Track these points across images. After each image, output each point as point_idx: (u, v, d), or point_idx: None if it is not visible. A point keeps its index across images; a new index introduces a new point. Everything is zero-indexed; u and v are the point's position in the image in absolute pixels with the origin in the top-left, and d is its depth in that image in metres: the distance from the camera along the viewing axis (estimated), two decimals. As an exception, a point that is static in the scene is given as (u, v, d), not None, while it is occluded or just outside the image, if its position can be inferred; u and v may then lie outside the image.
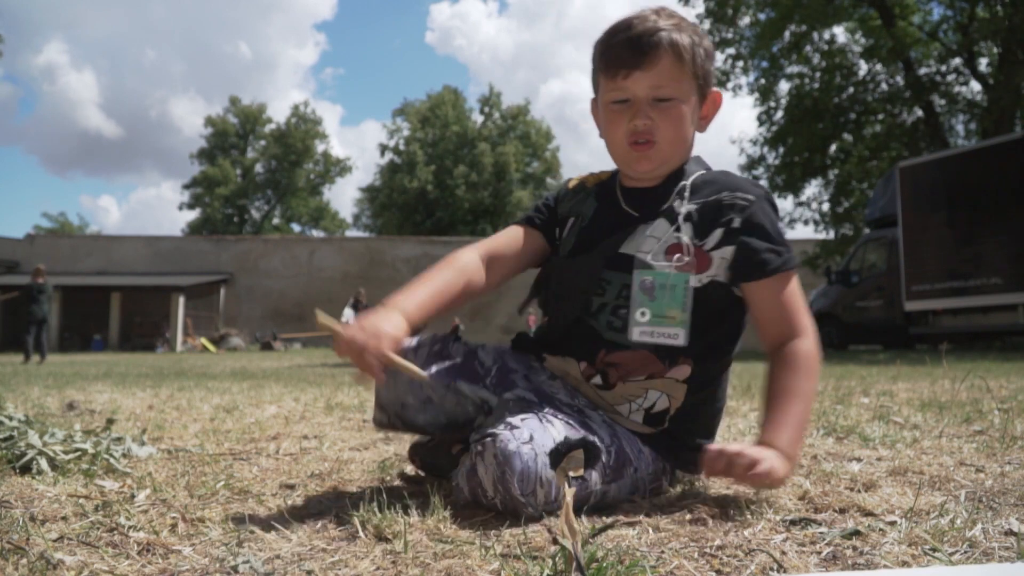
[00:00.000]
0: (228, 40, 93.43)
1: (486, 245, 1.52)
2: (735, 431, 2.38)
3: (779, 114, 20.40)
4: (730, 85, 20.68)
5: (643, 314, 1.38)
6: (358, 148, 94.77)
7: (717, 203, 1.40)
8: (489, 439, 1.21)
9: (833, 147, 20.58)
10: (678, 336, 1.37)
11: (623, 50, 1.37)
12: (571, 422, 1.28)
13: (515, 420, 1.23)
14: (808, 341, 1.38)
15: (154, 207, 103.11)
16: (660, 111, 1.38)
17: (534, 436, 1.20)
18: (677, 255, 1.38)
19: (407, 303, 1.34)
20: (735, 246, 1.38)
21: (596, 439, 1.28)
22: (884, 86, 19.74)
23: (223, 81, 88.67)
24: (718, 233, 1.38)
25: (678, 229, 1.40)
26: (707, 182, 1.44)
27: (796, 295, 1.40)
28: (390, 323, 1.26)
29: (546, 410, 1.29)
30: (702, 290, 1.39)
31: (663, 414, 1.42)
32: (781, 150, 20.17)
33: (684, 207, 1.41)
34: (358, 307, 23.04)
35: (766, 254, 1.37)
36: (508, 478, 1.17)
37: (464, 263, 1.47)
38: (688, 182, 1.44)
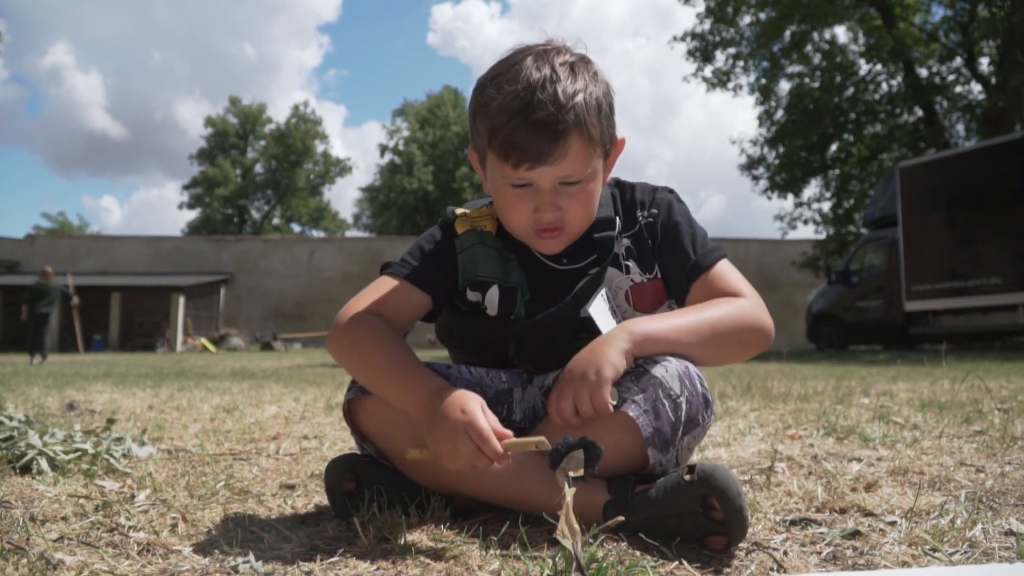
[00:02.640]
0: (233, 42, 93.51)
1: (378, 311, 1.28)
2: (735, 431, 2.38)
3: (779, 114, 20.41)
4: (730, 85, 20.70)
5: None
6: (361, 149, 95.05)
7: (640, 229, 1.36)
8: (647, 359, 1.18)
9: (833, 147, 20.58)
10: None
11: (524, 140, 1.15)
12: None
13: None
14: (744, 299, 1.29)
15: (155, 207, 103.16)
16: (568, 195, 1.22)
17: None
18: (650, 301, 1.36)
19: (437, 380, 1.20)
20: (659, 265, 1.36)
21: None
22: (884, 86, 19.75)
23: (228, 83, 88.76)
24: (653, 260, 1.37)
25: (628, 271, 1.36)
26: (624, 204, 1.39)
27: (727, 277, 1.31)
28: (470, 403, 1.09)
29: None
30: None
31: None
32: (781, 150, 20.18)
33: (622, 245, 1.37)
34: None
35: (688, 269, 1.32)
36: (692, 373, 1.18)
37: (390, 331, 1.26)
38: (617, 225, 1.36)
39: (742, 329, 1.26)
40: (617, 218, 1.36)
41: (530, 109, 1.15)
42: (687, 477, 1.07)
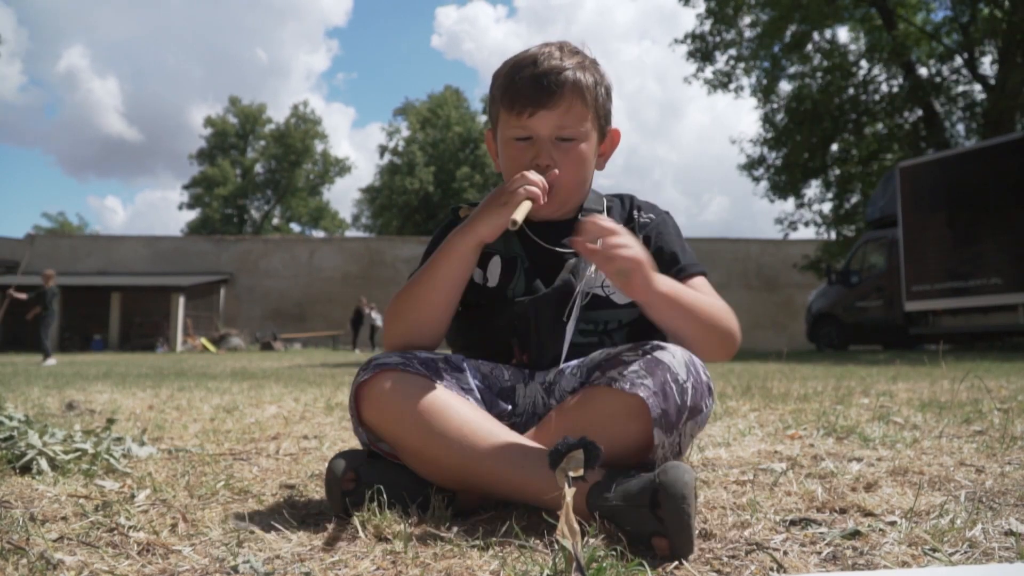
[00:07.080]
0: (245, 46, 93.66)
1: None
2: (735, 431, 2.38)
3: (780, 115, 20.38)
4: (731, 86, 20.67)
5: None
6: (367, 150, 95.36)
7: (636, 227, 1.49)
8: (654, 347, 1.25)
9: (834, 147, 20.56)
10: None
11: (528, 88, 1.36)
12: None
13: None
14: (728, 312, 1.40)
15: (159, 208, 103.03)
16: (562, 151, 1.39)
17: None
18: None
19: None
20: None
21: None
22: (884, 87, 19.74)
23: (240, 87, 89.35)
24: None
25: None
26: (623, 205, 1.54)
27: (708, 288, 1.44)
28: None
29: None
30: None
31: None
32: (782, 151, 20.16)
33: None
34: (359, 319, 22.69)
35: (674, 272, 1.42)
36: (696, 361, 1.25)
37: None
38: (604, 211, 1.51)
39: (727, 330, 1.37)
40: (607, 214, 1.49)
41: (535, 64, 1.38)
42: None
